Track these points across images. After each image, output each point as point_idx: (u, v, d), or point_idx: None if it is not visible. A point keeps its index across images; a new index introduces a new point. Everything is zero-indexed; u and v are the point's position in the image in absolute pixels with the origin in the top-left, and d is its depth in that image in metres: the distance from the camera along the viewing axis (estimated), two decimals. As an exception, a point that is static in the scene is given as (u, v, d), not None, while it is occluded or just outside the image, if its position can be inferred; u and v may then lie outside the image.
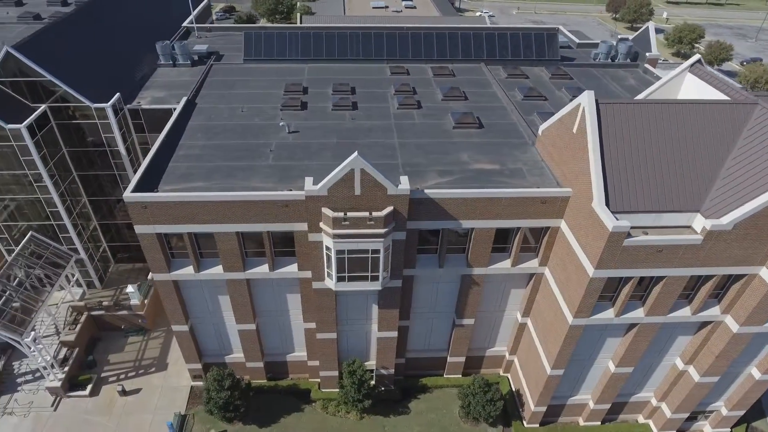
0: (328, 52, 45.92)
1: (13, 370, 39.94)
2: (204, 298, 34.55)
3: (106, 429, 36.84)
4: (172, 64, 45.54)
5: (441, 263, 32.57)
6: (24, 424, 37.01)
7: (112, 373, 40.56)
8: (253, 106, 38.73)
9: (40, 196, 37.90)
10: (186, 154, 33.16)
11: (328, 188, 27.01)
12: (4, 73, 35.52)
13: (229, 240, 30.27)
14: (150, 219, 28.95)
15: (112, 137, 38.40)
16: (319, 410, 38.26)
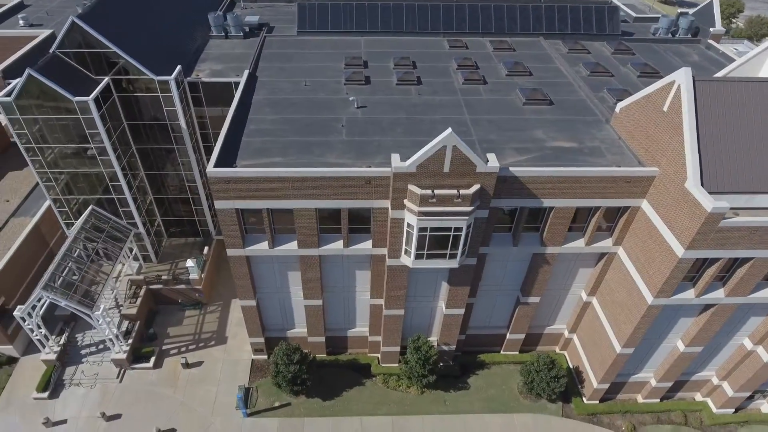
0: (384, 25, 44.84)
1: (77, 342, 40.42)
2: (273, 274, 34.62)
3: (172, 400, 37.43)
4: (224, 36, 44.60)
5: (515, 242, 32.40)
6: (91, 394, 37.62)
7: (172, 346, 41.02)
8: (315, 80, 38.02)
9: (102, 170, 37.60)
10: (257, 129, 32.73)
11: (417, 165, 26.64)
12: (68, 44, 34.85)
13: (307, 216, 30.09)
14: (231, 194, 28.72)
15: (173, 111, 37.81)
16: (379, 384, 38.72)
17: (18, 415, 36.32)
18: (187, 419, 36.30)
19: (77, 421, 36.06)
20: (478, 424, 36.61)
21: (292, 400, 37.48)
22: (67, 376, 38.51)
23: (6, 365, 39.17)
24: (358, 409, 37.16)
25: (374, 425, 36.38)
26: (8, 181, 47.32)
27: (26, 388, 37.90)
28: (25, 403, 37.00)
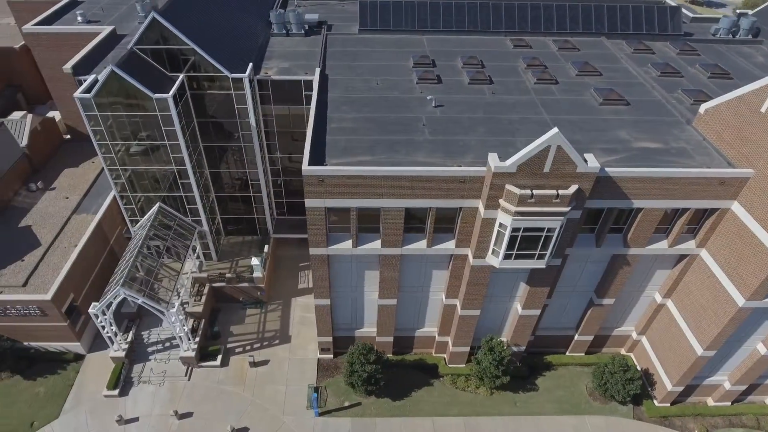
0: (446, 23, 44.61)
1: (143, 339, 40.35)
2: (349, 274, 34.49)
3: (242, 399, 37.32)
4: (285, 34, 44.41)
5: (599, 242, 32.19)
6: (161, 392, 37.53)
7: (237, 344, 40.90)
8: (385, 79, 37.83)
9: (174, 167, 37.50)
10: (339, 127, 32.57)
11: (518, 165, 26.46)
12: (146, 41, 34.73)
13: (395, 215, 29.94)
14: (323, 193, 28.60)
15: (244, 109, 37.66)
16: (447, 385, 38.54)
17: (89, 412, 36.24)
18: (258, 418, 36.18)
19: (149, 419, 35.99)
20: (551, 426, 36.41)
21: (362, 399, 37.34)
22: (135, 374, 38.44)
23: (73, 362, 39.12)
24: (429, 410, 36.99)
25: (446, 426, 36.21)
26: (65, 178, 47.23)
27: (95, 385, 37.85)
28: (95, 400, 36.95)
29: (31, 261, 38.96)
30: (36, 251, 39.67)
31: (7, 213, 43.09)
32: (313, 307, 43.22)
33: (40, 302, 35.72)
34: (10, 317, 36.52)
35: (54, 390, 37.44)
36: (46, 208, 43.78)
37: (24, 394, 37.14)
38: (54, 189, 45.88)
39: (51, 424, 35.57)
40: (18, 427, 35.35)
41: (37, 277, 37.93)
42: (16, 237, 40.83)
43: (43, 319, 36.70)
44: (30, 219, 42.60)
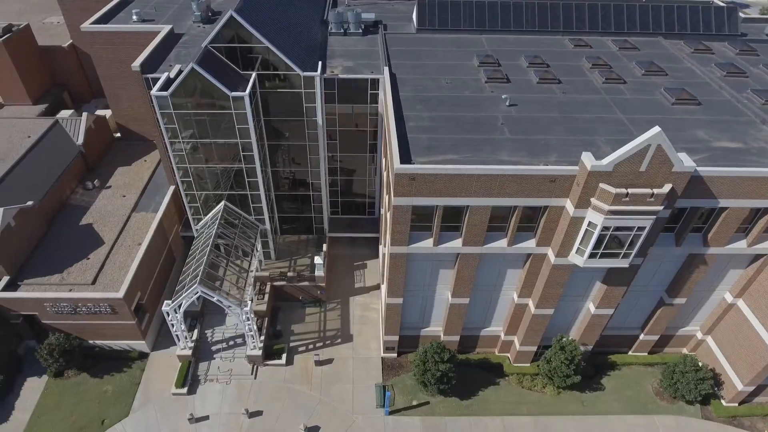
0: (504, 23, 44.64)
1: (207, 338, 40.33)
2: (424, 272, 34.50)
3: (311, 398, 37.29)
4: (343, 33, 44.45)
5: (678, 242, 32.22)
6: (228, 390, 37.51)
7: (299, 343, 40.88)
8: (454, 78, 37.88)
9: (243, 165, 37.52)
10: (417, 126, 32.60)
11: (615, 164, 26.48)
12: (221, 39, 34.78)
13: (481, 214, 29.95)
14: (413, 191, 28.61)
15: (312, 107, 37.72)
16: (514, 384, 38.54)
17: (159, 410, 36.21)
18: (328, 417, 36.16)
19: (219, 417, 35.96)
20: (621, 426, 36.39)
21: (431, 398, 37.33)
22: (201, 372, 38.42)
23: (138, 360, 39.10)
24: (497, 409, 36.97)
25: (516, 425, 36.20)
26: (119, 176, 47.23)
27: (161, 383, 37.84)
28: (163, 399, 36.92)
29: (96, 259, 38.95)
30: (100, 249, 39.66)
31: (67, 211, 43.07)
32: (371, 306, 43.84)
33: (112, 300, 35.73)
34: (80, 315, 36.50)
35: (121, 388, 37.42)
36: (104, 206, 43.78)
37: (92, 392, 37.11)
38: (110, 187, 45.88)
39: (122, 422, 35.56)
40: (89, 424, 35.32)
41: (104, 275, 37.96)
42: (79, 235, 40.80)
43: (112, 317, 36.69)
44: (90, 217, 42.60)
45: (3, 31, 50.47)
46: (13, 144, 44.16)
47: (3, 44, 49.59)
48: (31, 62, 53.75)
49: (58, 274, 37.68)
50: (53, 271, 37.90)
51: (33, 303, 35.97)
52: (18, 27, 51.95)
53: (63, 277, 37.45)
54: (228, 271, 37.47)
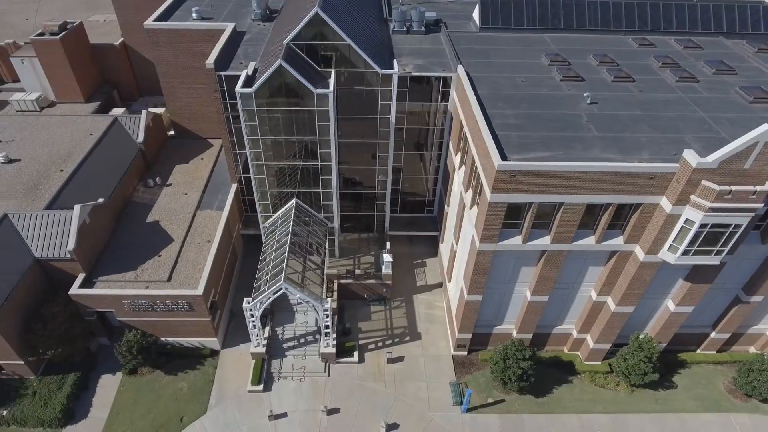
0: (566, 22, 44.72)
1: (277, 335, 40.31)
2: (506, 270, 34.57)
3: (386, 395, 37.30)
4: (406, 32, 44.48)
5: (764, 239, 32.34)
6: (303, 388, 37.49)
7: (368, 340, 40.88)
8: (528, 76, 37.99)
9: (318, 163, 37.55)
10: (503, 124, 32.67)
11: (720, 161, 26.60)
12: (303, 36, 34.82)
13: (575, 211, 30.06)
14: (511, 188, 28.68)
15: (387, 105, 37.74)
16: (586, 382, 38.60)
17: (236, 407, 36.18)
18: (406, 414, 36.15)
19: (297, 414, 35.94)
20: (697, 423, 36.45)
21: (506, 396, 37.39)
22: (274, 370, 38.41)
23: (209, 357, 39.07)
24: (572, 407, 37.02)
25: (593, 422, 36.23)
26: (178, 174, 47.19)
27: (235, 380, 37.82)
28: (239, 396, 36.90)
29: (167, 256, 38.89)
30: (170, 247, 39.60)
31: (131, 209, 43.02)
32: (435, 304, 43.94)
33: (191, 297, 35.70)
34: (156, 312, 36.47)
35: (196, 385, 37.40)
36: (167, 204, 43.74)
37: (167, 389, 37.08)
38: (170, 185, 45.83)
39: (200, 420, 35.53)
40: (168, 421, 35.30)
41: (177, 272, 37.91)
42: (147, 233, 40.76)
43: (188, 314, 36.64)
44: (155, 215, 42.55)
45: (59, 28, 50.43)
46: (77, 141, 44.19)
47: (60, 41, 49.56)
48: (84, 60, 53.77)
49: (133, 271, 37.62)
50: (126, 268, 37.83)
51: (111, 300, 35.94)
52: (72, 24, 51.94)
53: (137, 275, 37.39)
54: (305, 269, 37.45)
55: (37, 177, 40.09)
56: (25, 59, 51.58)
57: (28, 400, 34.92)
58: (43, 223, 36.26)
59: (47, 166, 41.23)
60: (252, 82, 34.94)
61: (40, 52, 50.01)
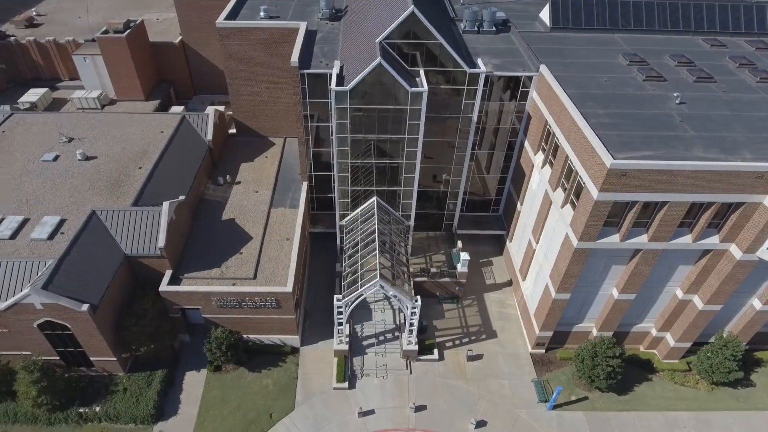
0: (636, 22, 45.00)
1: (356, 333, 40.48)
2: (596, 268, 34.81)
3: (470, 393, 37.50)
4: (477, 31, 44.62)
5: None
6: (387, 385, 37.68)
7: (445, 338, 41.09)
8: (611, 76, 38.20)
9: (403, 162, 37.76)
10: (598, 123, 32.76)
11: (835, 160, 26.95)
12: (396, 35, 34.99)
13: (678, 210, 30.35)
14: (620, 186, 28.94)
15: (471, 104, 37.99)
16: (666, 380, 38.87)
17: (324, 404, 36.34)
18: (492, 412, 36.36)
19: (384, 411, 36.11)
20: (780, 421, 36.87)
21: (589, 394, 37.64)
22: (356, 367, 38.59)
23: (290, 355, 39.23)
24: (656, 404, 37.28)
25: (678, 420, 36.49)
26: (245, 172, 47.26)
27: (319, 377, 38.00)
28: (325, 393, 37.07)
29: (249, 254, 39.02)
30: (250, 244, 39.72)
31: (204, 206, 43.14)
32: (507, 303, 44.31)
33: (280, 294, 35.88)
34: (243, 309, 36.63)
35: (281, 382, 37.55)
36: (240, 201, 43.85)
37: (253, 386, 37.23)
38: (239, 183, 45.95)
39: (289, 416, 35.68)
40: (258, 418, 35.44)
41: (261, 269, 38.00)
42: (224, 230, 40.88)
43: (275, 311, 36.81)
44: (230, 212, 42.67)
45: (123, 26, 50.53)
46: (149, 139, 44.34)
47: (125, 39, 49.66)
48: (145, 58, 53.90)
49: (217, 268, 37.77)
50: (210, 265, 37.96)
51: (200, 297, 36.11)
52: (135, 23, 52.05)
53: (222, 272, 37.54)
54: (392, 266, 37.59)
55: (117, 174, 40.23)
56: (87, 57, 51.68)
57: (119, 397, 35.06)
58: (130, 219, 36.41)
59: (125, 163, 41.38)
60: (341, 80, 35.20)
61: (105, 49, 50.06)
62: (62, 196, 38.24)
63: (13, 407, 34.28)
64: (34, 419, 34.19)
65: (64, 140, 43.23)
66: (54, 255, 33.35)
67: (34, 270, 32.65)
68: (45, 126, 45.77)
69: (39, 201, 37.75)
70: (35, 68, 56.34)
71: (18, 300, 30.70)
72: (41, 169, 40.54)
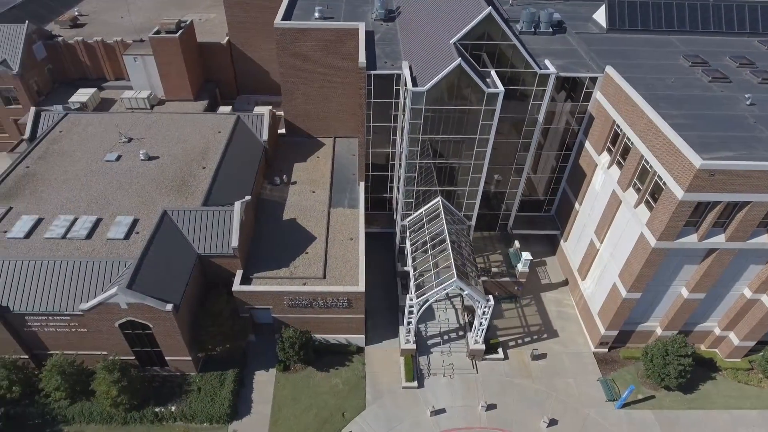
0: (692, 24, 45.35)
1: (420, 332, 40.68)
2: (669, 267, 35.08)
3: (538, 392, 37.74)
4: (533, 32, 44.92)
5: None
6: (455, 384, 37.89)
7: (507, 338, 41.33)
8: (677, 77, 38.50)
9: (471, 162, 37.99)
10: (674, 124, 32.91)
11: None
12: (471, 36, 35.21)
13: (759, 210, 30.63)
14: (707, 187, 29.22)
15: (538, 105, 38.24)
16: (729, 378, 39.18)
17: (394, 403, 36.53)
18: (561, 410, 36.59)
19: (454, 410, 36.32)
20: None
21: (655, 393, 37.91)
22: (423, 366, 38.77)
23: (356, 354, 39.39)
24: (721, 403, 37.59)
25: (744, 418, 36.78)
26: (299, 172, 47.28)
27: (386, 376, 38.18)
28: (394, 392, 37.26)
29: (314, 253, 39.16)
30: (315, 244, 39.84)
31: (264, 206, 43.25)
32: (564, 302, 44.56)
33: (353, 294, 36.05)
34: (314, 309, 36.78)
35: (350, 381, 37.71)
36: (299, 201, 43.98)
37: (323, 386, 37.40)
38: (295, 183, 46.09)
39: (361, 415, 35.86)
40: (331, 417, 35.60)
41: (329, 269, 38.16)
42: (286, 230, 41.01)
43: (345, 311, 36.99)
44: (290, 212, 42.79)
45: (176, 26, 50.60)
46: (207, 139, 44.46)
47: (178, 39, 49.74)
48: (194, 58, 53.94)
49: (285, 268, 37.94)
50: (277, 265, 38.08)
51: (272, 297, 36.26)
52: (185, 23, 52.13)
53: (291, 271, 37.70)
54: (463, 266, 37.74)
55: (182, 174, 40.32)
56: (137, 57, 51.74)
57: (194, 396, 35.18)
58: (201, 219, 36.54)
59: (188, 163, 41.49)
60: (414, 81, 35.40)
61: (157, 49, 50.11)
62: (130, 195, 38.33)
63: (88, 407, 34.44)
64: (109, 419, 34.33)
65: (123, 140, 43.30)
66: (131, 255, 33.49)
67: (114, 270, 32.76)
68: (101, 126, 45.82)
69: (108, 201, 37.84)
70: (81, 68, 56.28)
71: (103, 300, 30.80)
72: (105, 169, 40.61)
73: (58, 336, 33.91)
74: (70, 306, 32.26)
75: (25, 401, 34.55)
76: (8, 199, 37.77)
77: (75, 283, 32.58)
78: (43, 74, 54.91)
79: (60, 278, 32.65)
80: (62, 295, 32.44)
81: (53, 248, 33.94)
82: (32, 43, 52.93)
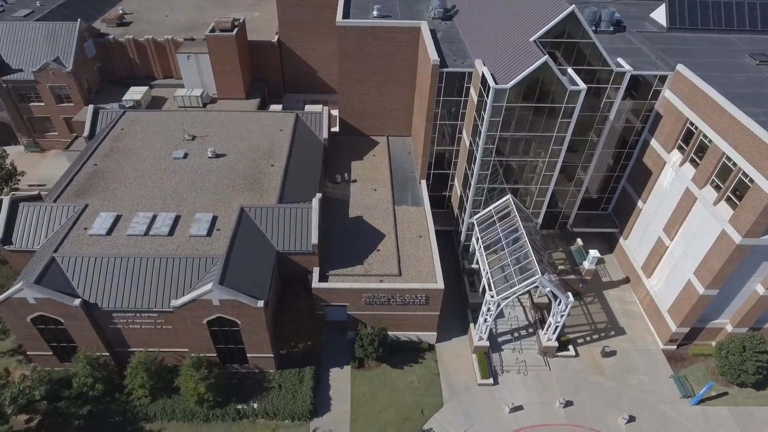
0: (751, 23, 45.65)
1: (490, 330, 40.76)
2: (747, 264, 35.24)
3: (612, 389, 37.87)
4: (594, 31, 45.01)
5: None
6: (529, 381, 38.00)
7: (576, 335, 41.41)
8: (748, 76, 38.79)
9: (545, 160, 38.13)
10: (758, 122, 33.27)
11: None
12: (551, 34, 35.33)
13: None
14: (803, 184, 29.50)
15: (610, 103, 38.39)
16: (796, 375, 39.55)
17: (471, 400, 36.60)
18: (637, 407, 36.69)
19: (532, 407, 36.42)
20: None
21: (728, 389, 38.12)
22: (496, 363, 38.89)
23: (427, 351, 39.42)
24: (794, 399, 37.95)
25: (818, 414, 37.16)
26: (358, 170, 47.36)
27: (459, 373, 38.24)
28: (470, 389, 37.33)
29: (386, 251, 39.22)
30: (385, 241, 39.89)
31: (329, 204, 43.21)
32: (627, 300, 44.79)
33: (432, 291, 36.12)
34: (390, 306, 36.82)
35: (425, 379, 37.75)
36: (362, 199, 44.04)
37: (399, 383, 37.42)
38: (356, 181, 46.13)
39: (440, 412, 35.90)
40: (410, 414, 35.61)
41: (403, 267, 38.20)
42: (354, 228, 41.04)
43: (422, 308, 37.04)
44: (355, 210, 42.85)
45: (231, 25, 50.56)
46: (271, 137, 44.48)
47: (234, 38, 49.72)
48: (245, 57, 53.91)
49: (359, 265, 37.98)
50: (351, 262, 38.14)
51: (350, 294, 36.28)
52: (239, 21, 52.11)
53: (366, 269, 37.74)
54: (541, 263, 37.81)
55: (252, 172, 40.33)
56: (190, 55, 51.67)
57: (275, 393, 35.16)
58: (278, 216, 36.55)
59: (256, 161, 41.49)
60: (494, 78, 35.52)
61: (213, 48, 50.06)
62: (204, 193, 38.30)
63: (170, 404, 34.38)
64: (191, 416, 34.26)
65: (187, 138, 43.28)
66: (216, 252, 33.51)
67: (201, 267, 32.75)
68: (160, 124, 45.77)
69: (183, 198, 37.80)
70: (130, 66, 56.20)
71: (197, 296, 30.78)
72: (174, 167, 40.57)
73: (141, 333, 33.84)
74: (158, 303, 32.23)
75: (107, 398, 34.51)
76: (82, 197, 37.68)
77: (162, 281, 32.53)
78: (93, 72, 54.78)
79: (146, 275, 32.62)
80: (149, 293, 32.38)
81: (137, 245, 33.91)
82: (84, 41, 52.79)
